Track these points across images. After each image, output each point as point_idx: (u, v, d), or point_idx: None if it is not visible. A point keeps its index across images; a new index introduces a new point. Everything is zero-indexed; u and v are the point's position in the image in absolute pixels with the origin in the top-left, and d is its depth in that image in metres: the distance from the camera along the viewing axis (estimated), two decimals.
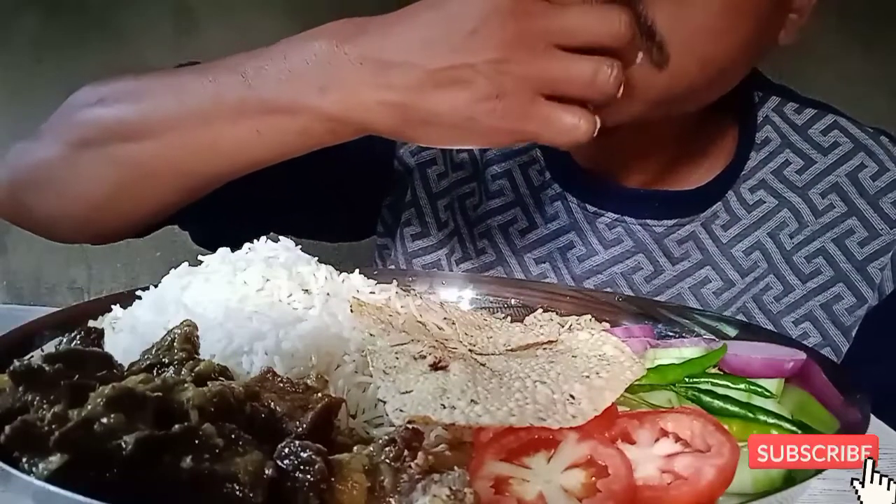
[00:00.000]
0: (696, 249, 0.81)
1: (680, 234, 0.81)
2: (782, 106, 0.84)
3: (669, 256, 0.81)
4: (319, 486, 0.37)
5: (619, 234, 0.82)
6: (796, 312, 0.79)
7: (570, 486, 0.42)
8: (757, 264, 0.80)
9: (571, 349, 0.56)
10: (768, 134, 0.83)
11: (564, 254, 0.83)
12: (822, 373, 0.54)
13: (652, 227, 0.82)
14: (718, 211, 0.81)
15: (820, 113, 0.83)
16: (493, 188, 0.85)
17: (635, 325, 0.66)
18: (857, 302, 0.78)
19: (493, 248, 0.84)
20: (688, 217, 0.81)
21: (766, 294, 0.80)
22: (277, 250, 0.62)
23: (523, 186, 0.84)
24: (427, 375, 0.48)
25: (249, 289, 0.57)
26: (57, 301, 1.74)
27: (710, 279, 0.81)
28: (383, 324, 0.55)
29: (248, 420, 0.40)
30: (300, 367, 0.51)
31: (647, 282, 0.81)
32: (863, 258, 0.78)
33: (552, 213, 0.84)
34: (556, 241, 0.83)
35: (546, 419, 0.44)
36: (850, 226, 0.79)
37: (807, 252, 0.80)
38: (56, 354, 0.43)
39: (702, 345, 0.60)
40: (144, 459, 0.36)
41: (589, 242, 0.83)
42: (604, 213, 0.82)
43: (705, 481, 0.41)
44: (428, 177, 0.86)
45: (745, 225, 0.81)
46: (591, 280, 0.82)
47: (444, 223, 0.86)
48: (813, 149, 0.82)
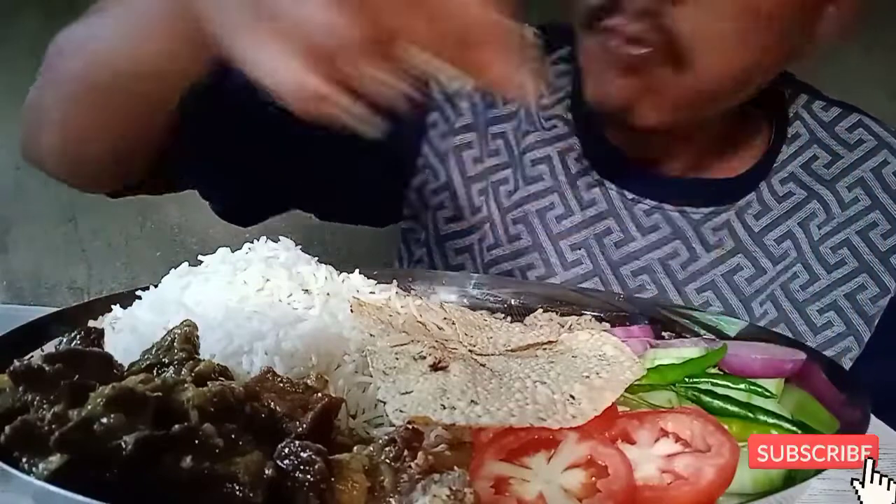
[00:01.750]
0: (729, 237, 0.83)
1: (716, 222, 0.84)
2: (810, 103, 0.87)
3: (705, 243, 0.83)
4: (319, 486, 0.37)
5: (657, 221, 0.84)
6: (821, 301, 0.81)
7: (570, 486, 0.42)
8: (788, 253, 0.83)
9: (571, 349, 0.56)
10: (798, 129, 0.86)
11: (601, 240, 0.84)
12: (822, 373, 0.54)
13: (690, 215, 0.84)
14: (751, 201, 0.84)
15: (845, 111, 0.87)
16: (532, 174, 0.86)
17: (635, 326, 0.67)
18: (879, 292, 0.81)
19: (530, 233, 0.85)
20: (724, 206, 0.84)
21: (793, 282, 0.82)
22: (277, 250, 0.62)
23: (562, 174, 0.86)
24: (427, 376, 0.48)
25: (249, 289, 0.57)
26: (57, 301, 1.74)
27: (743, 266, 0.83)
28: (383, 324, 0.55)
29: (248, 420, 0.40)
30: (300, 367, 0.51)
31: (682, 268, 0.83)
32: (885, 250, 0.81)
33: (590, 199, 0.85)
34: (594, 228, 0.84)
35: (546, 419, 0.44)
36: (873, 219, 0.82)
37: (832, 243, 0.82)
38: (56, 354, 0.43)
39: (702, 345, 0.60)
40: (144, 459, 0.36)
41: (627, 229, 0.84)
42: (642, 199, 0.84)
43: (705, 481, 0.41)
44: (464, 160, 0.87)
45: (775, 215, 0.84)
46: (628, 266, 0.84)
47: (477, 208, 0.87)
48: (839, 145, 0.85)
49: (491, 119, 0.87)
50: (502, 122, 0.87)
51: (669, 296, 0.82)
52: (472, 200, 0.86)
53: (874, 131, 0.85)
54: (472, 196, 0.86)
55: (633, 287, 0.82)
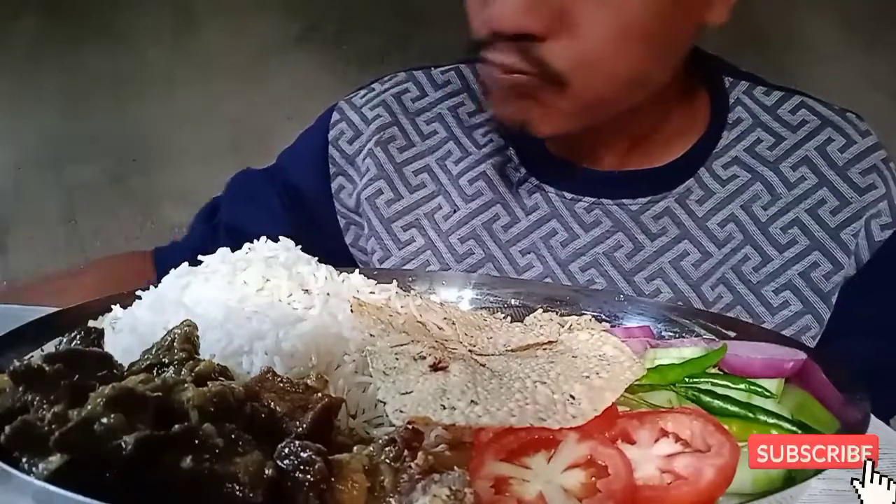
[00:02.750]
0: (672, 224, 0.85)
1: (655, 211, 0.85)
2: (752, 89, 0.88)
3: (647, 233, 0.85)
4: (319, 486, 0.37)
5: (597, 216, 0.86)
6: (776, 281, 0.83)
7: (570, 486, 0.42)
8: (732, 235, 0.84)
9: (571, 349, 0.56)
10: (740, 114, 0.87)
11: (548, 241, 0.86)
12: (822, 373, 0.54)
13: (627, 206, 0.85)
14: (692, 186, 0.85)
15: (787, 94, 0.88)
16: (471, 192, 0.89)
17: (635, 326, 0.67)
18: (833, 268, 0.82)
19: (480, 245, 0.87)
20: (660, 193, 0.85)
21: (744, 265, 0.83)
22: (277, 250, 0.62)
23: (500, 185, 0.88)
24: (427, 376, 0.48)
25: (249, 289, 0.57)
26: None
27: (689, 252, 0.84)
28: (383, 324, 0.55)
29: (248, 420, 0.40)
30: (300, 367, 0.51)
31: (628, 259, 0.85)
32: (835, 226, 0.82)
33: (532, 204, 0.87)
34: (539, 231, 0.87)
35: (546, 419, 0.44)
36: (821, 196, 0.83)
37: (782, 223, 0.83)
38: (56, 354, 0.43)
39: (702, 345, 0.60)
40: (144, 460, 0.36)
41: (570, 227, 0.86)
42: (581, 197, 0.86)
43: (705, 481, 0.41)
44: (378, 206, 0.90)
45: (718, 199, 0.85)
46: (576, 262, 0.86)
47: (407, 242, 0.89)
48: (782, 126, 0.86)
49: (404, 161, 0.91)
50: (422, 158, 0.91)
51: (620, 287, 0.84)
52: (397, 238, 0.90)
53: (817, 111, 0.87)
54: (397, 234, 0.90)
55: (583, 282, 0.85)
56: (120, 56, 1.66)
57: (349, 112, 0.93)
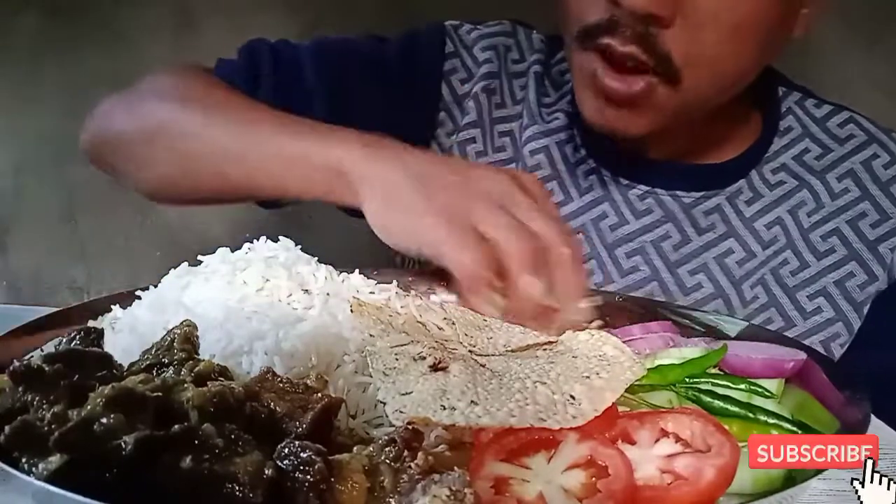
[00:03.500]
0: (720, 221, 0.87)
1: (706, 206, 0.87)
2: (803, 101, 0.91)
3: (696, 226, 0.87)
4: (319, 486, 0.37)
5: (649, 205, 0.88)
6: (811, 287, 0.84)
7: (570, 486, 0.42)
8: (777, 238, 0.86)
9: (571, 350, 0.56)
10: (790, 123, 0.90)
11: (597, 224, 0.88)
12: (822, 373, 0.54)
13: (681, 198, 0.87)
14: (742, 187, 0.87)
15: (837, 109, 0.91)
16: (532, 163, 0.90)
17: (653, 322, 0.66)
18: (867, 279, 0.84)
19: None
20: (713, 190, 0.87)
21: (783, 268, 0.85)
22: (277, 250, 0.62)
23: (560, 162, 0.90)
24: (427, 377, 0.48)
25: (249, 289, 0.57)
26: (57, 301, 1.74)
27: (734, 250, 0.86)
28: (383, 324, 0.55)
29: (248, 420, 0.40)
30: (300, 367, 0.51)
31: (674, 250, 0.86)
32: (874, 239, 0.84)
33: (587, 185, 0.89)
34: (591, 212, 0.88)
35: (546, 420, 0.44)
36: (863, 209, 0.85)
37: (822, 231, 0.85)
38: (56, 354, 0.43)
39: (702, 345, 0.60)
40: (144, 460, 0.36)
41: (621, 212, 0.88)
42: (636, 185, 0.88)
43: (705, 481, 0.41)
44: (468, 154, 0.90)
45: (766, 202, 0.87)
46: (622, 248, 0.87)
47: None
48: (830, 139, 0.89)
49: (497, 118, 0.91)
50: (509, 122, 0.91)
51: (663, 277, 0.85)
52: None
53: (865, 127, 0.89)
54: None
55: (626, 268, 0.86)
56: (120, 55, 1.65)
57: (461, 49, 0.92)
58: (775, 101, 0.91)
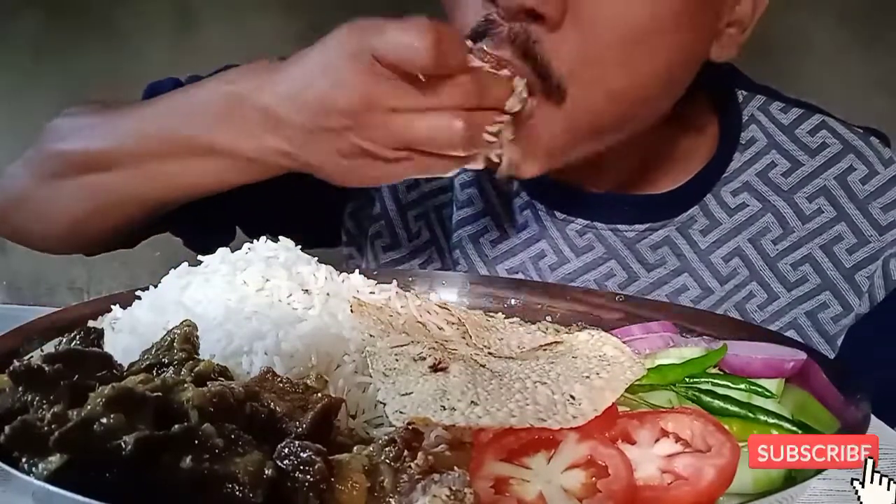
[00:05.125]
0: (672, 255, 0.78)
1: (653, 240, 0.78)
2: (768, 105, 0.80)
3: (644, 263, 0.78)
4: (319, 486, 0.37)
5: (589, 241, 0.79)
6: (780, 321, 0.76)
7: (570, 486, 0.42)
8: (737, 271, 0.77)
9: (572, 350, 0.56)
10: (754, 133, 0.79)
11: (536, 263, 0.80)
12: (822, 373, 0.54)
13: (623, 233, 0.79)
14: (696, 215, 0.78)
15: (807, 113, 0.80)
16: (462, 197, 0.83)
17: (654, 322, 0.65)
18: (842, 311, 0.75)
19: (465, 258, 0.82)
20: (660, 221, 0.78)
21: (749, 302, 0.76)
22: (277, 250, 0.62)
23: (493, 196, 0.82)
24: (427, 377, 0.48)
25: (249, 289, 0.57)
26: (57, 301, 1.74)
27: (688, 286, 0.77)
28: (383, 324, 0.55)
29: (248, 420, 0.40)
30: (300, 368, 0.51)
31: (621, 289, 0.77)
32: (850, 266, 0.75)
33: (522, 221, 0.81)
34: (528, 251, 0.81)
35: (546, 420, 0.44)
36: (838, 231, 0.76)
37: (793, 259, 0.76)
38: (56, 354, 0.43)
39: (702, 345, 0.60)
40: (144, 459, 0.36)
41: (560, 251, 0.80)
42: (573, 219, 0.80)
43: (705, 481, 0.41)
44: (397, 188, 0.85)
45: (725, 230, 0.77)
46: None
47: (415, 234, 0.85)
48: (800, 150, 0.78)
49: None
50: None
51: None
52: (408, 227, 0.85)
53: (839, 134, 0.78)
54: (409, 222, 0.85)
55: None
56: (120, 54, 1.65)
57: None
58: (735, 108, 0.79)
